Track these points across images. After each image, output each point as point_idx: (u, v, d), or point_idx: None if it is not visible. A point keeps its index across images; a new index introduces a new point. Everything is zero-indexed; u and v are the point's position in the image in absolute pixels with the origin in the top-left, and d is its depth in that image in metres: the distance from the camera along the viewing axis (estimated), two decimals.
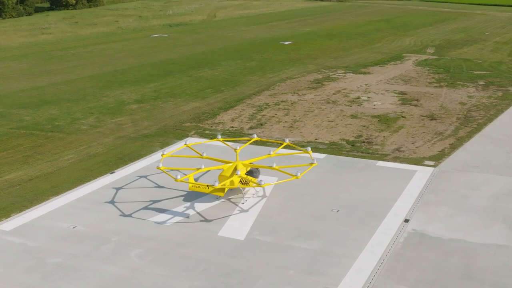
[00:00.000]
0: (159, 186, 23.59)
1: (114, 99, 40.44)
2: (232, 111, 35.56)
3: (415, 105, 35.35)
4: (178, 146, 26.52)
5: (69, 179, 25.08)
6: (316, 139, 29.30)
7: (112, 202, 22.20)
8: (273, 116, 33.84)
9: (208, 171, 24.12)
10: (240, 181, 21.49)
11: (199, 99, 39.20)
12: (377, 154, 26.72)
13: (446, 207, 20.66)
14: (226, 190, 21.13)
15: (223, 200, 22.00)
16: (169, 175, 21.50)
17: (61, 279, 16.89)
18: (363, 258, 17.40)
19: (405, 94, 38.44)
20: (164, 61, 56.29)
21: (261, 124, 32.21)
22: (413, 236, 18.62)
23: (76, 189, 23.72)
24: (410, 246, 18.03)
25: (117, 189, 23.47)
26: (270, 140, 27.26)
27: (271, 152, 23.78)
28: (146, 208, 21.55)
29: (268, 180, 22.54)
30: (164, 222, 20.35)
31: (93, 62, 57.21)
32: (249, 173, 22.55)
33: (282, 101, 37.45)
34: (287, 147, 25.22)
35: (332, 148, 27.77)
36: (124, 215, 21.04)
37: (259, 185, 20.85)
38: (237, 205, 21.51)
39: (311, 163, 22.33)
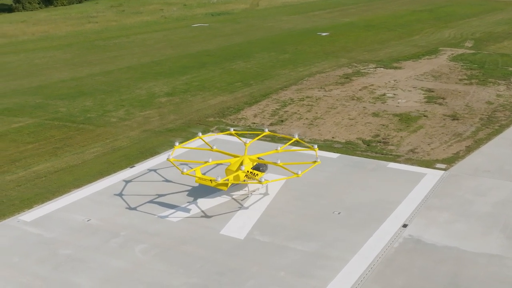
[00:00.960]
0: (172, 182, 24.62)
1: (146, 91, 41.79)
2: (256, 106, 36.23)
3: (440, 104, 35.02)
4: (193, 138, 27.40)
5: (91, 172, 26.47)
6: (333, 137, 29.66)
7: (126, 196, 23.40)
8: (295, 113, 34.33)
9: (217, 164, 24.94)
10: (245, 176, 22.19)
11: (227, 93, 40.04)
12: (391, 155, 26.88)
13: (448, 212, 20.79)
14: (229, 184, 21.88)
15: (230, 197, 22.84)
16: (177, 167, 22.48)
17: (69, 270, 18.17)
18: (355, 262, 17.89)
19: (432, 91, 38.05)
20: (200, 52, 57.36)
21: (282, 121, 32.77)
22: (408, 242, 18.93)
23: (95, 182, 25.07)
24: (403, 251, 18.37)
25: (133, 183, 24.66)
26: (281, 135, 27.90)
27: (278, 148, 24.34)
28: (156, 203, 22.64)
29: (272, 177, 23.13)
30: (171, 217, 21.37)
31: (133, 52, 58.92)
32: (256, 168, 23.17)
33: (307, 97, 37.82)
34: (296, 143, 25.78)
35: (347, 148, 28.09)
36: (135, 209, 22.19)
37: (260, 181, 21.56)
38: (242, 204, 22.31)
39: (315, 161, 22.80)
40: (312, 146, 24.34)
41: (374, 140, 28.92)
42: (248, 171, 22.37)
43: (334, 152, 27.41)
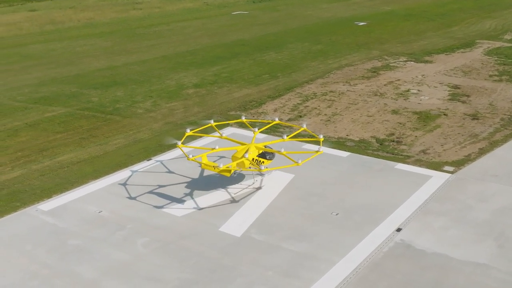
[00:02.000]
0: (183, 176, 25.64)
1: (176, 82, 42.97)
2: (278, 100, 36.78)
3: (463, 102, 34.57)
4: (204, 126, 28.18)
5: (110, 163, 27.83)
6: (347, 135, 29.94)
7: (138, 189, 24.60)
8: (315, 108, 34.69)
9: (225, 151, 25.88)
10: (251, 163, 22.96)
11: (253, 86, 40.71)
12: (401, 155, 26.99)
13: (445, 218, 20.94)
14: (232, 171, 22.64)
15: (235, 194, 23.67)
16: (184, 153, 23.44)
17: (74, 260, 19.48)
18: (342, 264, 18.42)
19: (459, 88, 37.52)
20: (235, 41, 58.12)
21: (300, 116, 33.23)
22: (398, 247, 19.28)
23: (112, 174, 26.40)
24: (391, 256, 18.75)
25: (147, 176, 25.84)
26: (290, 125, 28.51)
27: (285, 137, 24.94)
28: (164, 196, 23.73)
29: (277, 165, 23.76)
30: (176, 212, 22.39)
31: (170, 41, 60.28)
32: (262, 155, 23.70)
33: (330, 91, 38.05)
34: (304, 132, 26.46)
35: (359, 146, 28.36)
36: (144, 202, 23.35)
37: (260, 169, 22.29)
38: (246, 201, 23.09)
39: (317, 151, 23.33)
40: (318, 136, 24.83)
41: (388, 139, 29.04)
42: (253, 159, 23.10)
43: (345, 151, 27.76)
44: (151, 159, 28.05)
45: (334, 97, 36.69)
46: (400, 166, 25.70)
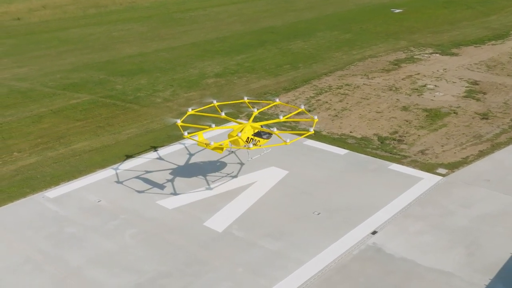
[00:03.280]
0: (185, 168, 26.79)
1: (199, 71, 44.06)
2: (292, 93, 37.26)
3: (478, 99, 34.04)
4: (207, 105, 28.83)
5: (119, 153, 29.29)
6: (350, 132, 30.24)
7: (138, 180, 25.94)
8: (326, 102, 35.02)
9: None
10: (246, 141, 23.86)
11: (272, 77, 41.27)
12: (399, 155, 27.15)
13: (423, 223, 21.20)
14: (224, 148, 23.63)
15: (229, 189, 24.60)
16: (181, 130, 24.48)
17: (66, 248, 21.03)
18: (310, 265, 19.14)
19: (477, 84, 36.86)
20: (266, 29, 58.55)
21: (309, 111, 33.65)
22: (369, 250, 19.78)
23: (118, 164, 27.86)
24: (359, 259, 19.30)
25: (150, 167, 27.14)
26: (290, 105, 29.16)
27: (281, 117, 25.70)
28: (161, 188, 24.97)
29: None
30: (168, 205, 23.58)
31: (203, 27, 61.34)
32: (258, 135, 24.51)
33: (346, 85, 38.18)
34: (301, 113, 27.92)
35: (360, 144, 28.65)
36: (141, 193, 24.68)
37: (248, 147, 23.19)
38: (236, 196, 24.00)
39: (307, 132, 24.13)
40: (313, 117, 25.48)
41: (390, 137, 29.19)
42: (248, 137, 24.05)
43: (345, 148, 28.15)
44: (157, 150, 29.35)
45: (348, 91, 36.83)
46: (394, 166, 25.93)
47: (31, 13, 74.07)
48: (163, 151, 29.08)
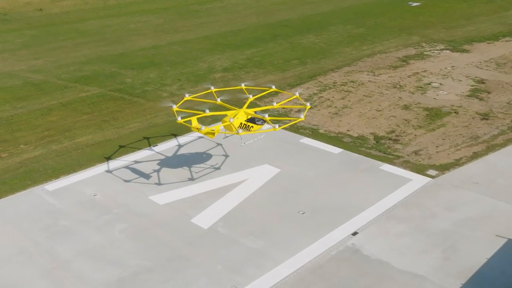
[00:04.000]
0: (183, 163, 27.43)
1: (208, 65, 44.59)
2: (296, 89, 37.46)
3: (481, 99, 33.78)
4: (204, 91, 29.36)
5: (120, 148, 30.11)
6: (348, 130, 30.43)
7: (134, 175, 26.69)
8: (328, 99, 35.19)
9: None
10: (239, 127, 24.42)
11: (279, 72, 41.55)
12: (392, 155, 27.28)
13: (404, 225, 21.43)
14: (216, 134, 24.21)
15: (222, 185, 25.14)
16: (175, 115, 25.09)
17: (58, 240, 21.91)
18: (286, 264, 19.60)
19: (483, 83, 36.51)
20: (280, 22, 58.68)
21: (310, 108, 33.91)
22: (347, 251, 20.13)
23: (117, 158, 28.67)
24: (335, 260, 19.68)
25: (148, 163, 27.87)
26: (285, 92, 29.61)
27: (275, 104, 26.23)
28: (156, 184, 25.67)
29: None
30: (160, 200, 24.28)
31: (218, 20, 61.77)
32: (252, 120, 24.97)
33: (351, 81, 38.24)
34: (296, 100, 28.61)
35: (355, 143, 28.85)
36: (135, 188, 25.43)
37: (238, 133, 23.85)
38: (227, 193, 24.54)
39: (297, 118, 24.63)
40: (306, 104, 25.90)
41: (386, 137, 29.30)
42: (241, 123, 24.60)
43: (339, 147, 28.39)
44: (157, 145, 30.06)
45: (352, 88, 36.92)
46: (385, 167, 26.10)
47: (53, 4, 75.55)
48: (162, 146, 29.78)
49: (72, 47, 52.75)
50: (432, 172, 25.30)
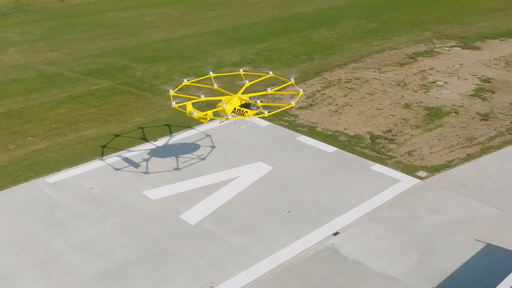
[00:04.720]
0: (179, 159, 28.14)
1: (217, 59, 45.12)
2: (300, 86, 37.70)
3: (483, 99, 33.56)
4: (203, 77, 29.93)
5: (121, 142, 30.95)
6: (345, 129, 30.66)
7: (132, 169, 27.51)
8: (330, 97, 35.41)
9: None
10: (233, 112, 25.10)
11: (286, 68, 41.84)
12: (385, 155, 27.47)
13: (386, 226, 21.72)
14: (208, 119, 25.03)
15: (215, 181, 25.75)
16: (171, 100, 25.76)
17: (53, 232, 22.86)
18: (265, 262, 20.15)
19: (489, 82, 36.20)
20: (293, 15, 58.74)
21: (311, 105, 34.23)
22: (325, 251, 20.56)
23: (118, 153, 29.52)
24: (313, 260, 20.13)
25: (147, 157, 28.67)
26: (281, 78, 30.29)
27: (269, 90, 26.89)
28: (151, 179, 26.44)
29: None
30: (153, 195, 25.05)
31: (233, 13, 62.11)
32: (247, 106, 25.65)
33: (355, 78, 38.33)
34: (290, 86, 29.55)
35: (350, 142, 29.10)
36: (131, 183, 26.25)
37: (227, 118, 24.54)
38: (217, 190, 25.16)
39: (288, 104, 25.47)
40: (299, 90, 26.47)
41: (382, 136, 29.46)
42: (235, 108, 25.25)
43: (334, 146, 28.70)
44: (157, 140, 30.82)
45: (356, 85, 37.03)
46: (376, 167, 26.33)
47: None
48: (161, 142, 30.53)
49: (88, 39, 53.81)
50: (422, 173, 25.45)
